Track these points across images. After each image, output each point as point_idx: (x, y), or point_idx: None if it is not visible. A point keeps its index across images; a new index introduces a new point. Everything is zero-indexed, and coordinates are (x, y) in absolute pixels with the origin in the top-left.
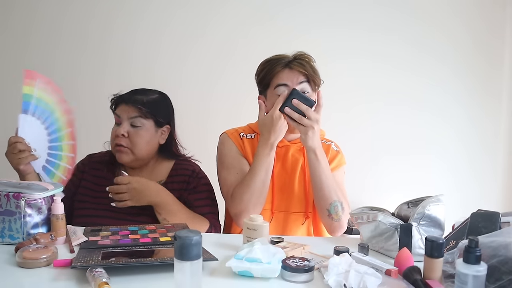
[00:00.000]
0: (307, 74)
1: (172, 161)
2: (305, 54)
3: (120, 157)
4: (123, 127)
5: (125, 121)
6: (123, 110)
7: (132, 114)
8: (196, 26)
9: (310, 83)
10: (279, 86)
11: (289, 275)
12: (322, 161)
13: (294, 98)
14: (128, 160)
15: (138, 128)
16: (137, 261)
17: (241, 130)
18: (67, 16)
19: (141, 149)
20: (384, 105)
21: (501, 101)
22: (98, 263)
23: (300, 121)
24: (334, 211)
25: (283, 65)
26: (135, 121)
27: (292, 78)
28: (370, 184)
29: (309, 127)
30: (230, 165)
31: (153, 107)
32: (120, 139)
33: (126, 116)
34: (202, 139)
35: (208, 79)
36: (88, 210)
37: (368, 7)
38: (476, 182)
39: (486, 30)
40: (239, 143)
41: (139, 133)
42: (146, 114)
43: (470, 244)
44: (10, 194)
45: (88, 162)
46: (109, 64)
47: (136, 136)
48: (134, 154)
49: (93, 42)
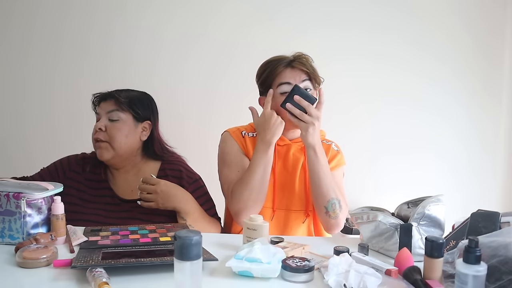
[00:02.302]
0: (309, 72)
1: (158, 161)
2: (304, 54)
3: (101, 153)
4: (101, 122)
5: (103, 115)
6: (101, 107)
7: (109, 108)
8: (197, 26)
9: (312, 81)
10: (282, 85)
11: (289, 275)
12: (321, 158)
13: (295, 94)
14: (109, 156)
15: (115, 121)
16: (137, 261)
17: (243, 129)
18: (69, 16)
19: (120, 143)
20: (383, 105)
21: (501, 101)
22: (98, 263)
23: (301, 117)
24: (331, 208)
25: (285, 65)
26: (112, 115)
27: (295, 76)
28: (370, 184)
29: (310, 124)
30: (232, 163)
31: (131, 101)
32: (98, 133)
33: (104, 111)
34: (203, 138)
35: (208, 80)
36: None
37: (368, 6)
38: (476, 182)
39: (486, 29)
40: (241, 141)
41: (117, 126)
42: (122, 107)
43: (470, 244)
44: (10, 194)
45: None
46: (110, 64)
47: (113, 129)
48: (114, 149)
49: (94, 45)
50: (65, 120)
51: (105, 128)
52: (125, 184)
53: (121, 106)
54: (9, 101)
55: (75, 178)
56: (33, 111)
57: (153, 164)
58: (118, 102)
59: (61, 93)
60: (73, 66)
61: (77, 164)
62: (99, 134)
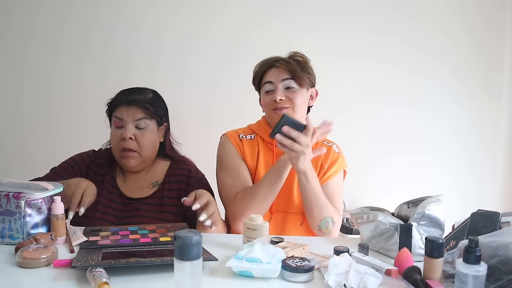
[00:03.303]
0: (290, 70)
1: (168, 161)
2: (298, 53)
3: (128, 163)
4: (129, 130)
5: (130, 123)
6: (125, 112)
7: (138, 116)
8: (198, 27)
9: (295, 79)
10: (265, 84)
11: (289, 275)
12: (312, 182)
13: (284, 124)
14: (136, 164)
15: (143, 129)
16: (137, 261)
17: (241, 132)
18: (69, 16)
19: (149, 151)
20: (383, 105)
21: (500, 102)
22: (98, 263)
23: (291, 147)
24: (324, 226)
25: (270, 65)
26: (140, 123)
27: (276, 75)
28: (370, 184)
29: (300, 153)
30: (229, 167)
31: (155, 106)
32: (128, 142)
33: (131, 118)
34: (204, 139)
35: (209, 80)
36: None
37: (368, 8)
38: (476, 182)
39: (485, 30)
40: (239, 145)
41: (145, 134)
42: (151, 114)
43: (470, 244)
44: (10, 194)
45: (94, 158)
46: (111, 64)
47: (143, 138)
48: (141, 157)
49: (95, 44)
50: (63, 120)
51: (134, 137)
52: (134, 183)
53: (150, 114)
54: (8, 101)
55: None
56: (32, 111)
57: (163, 163)
58: (146, 110)
59: (60, 93)
60: (73, 66)
61: (90, 161)
62: (129, 143)
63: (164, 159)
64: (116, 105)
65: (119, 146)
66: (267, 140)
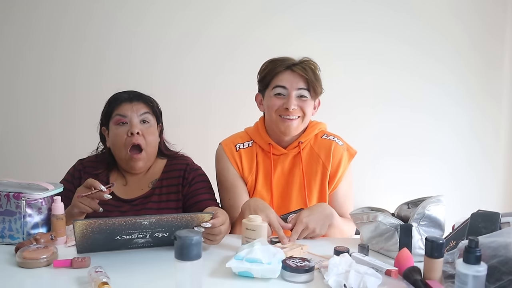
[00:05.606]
0: (308, 79)
1: (165, 159)
2: (311, 61)
3: (136, 164)
4: (135, 125)
5: (135, 118)
6: (129, 108)
7: (142, 110)
8: (196, 28)
9: (310, 90)
10: (277, 87)
11: (289, 276)
12: (341, 226)
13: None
14: (143, 165)
15: (147, 125)
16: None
17: (238, 140)
18: (65, 15)
19: (153, 148)
20: (383, 106)
21: (501, 102)
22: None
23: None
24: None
25: (285, 67)
26: (145, 117)
27: (292, 81)
28: (371, 184)
29: (318, 233)
30: (227, 188)
31: (154, 103)
32: (136, 137)
33: (135, 114)
34: (201, 141)
35: (207, 81)
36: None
37: (368, 8)
38: (476, 182)
39: (486, 31)
40: (235, 161)
41: (151, 130)
42: (154, 109)
43: (470, 245)
44: (10, 194)
45: (82, 167)
46: (107, 65)
47: (148, 134)
48: (147, 156)
49: (90, 44)
50: (59, 119)
51: (141, 132)
52: (135, 184)
53: (152, 109)
54: (6, 101)
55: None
56: (29, 110)
57: (160, 162)
58: (150, 103)
59: (56, 92)
60: (69, 65)
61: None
62: (138, 138)
63: (161, 158)
64: (117, 103)
65: (127, 143)
66: (265, 149)
